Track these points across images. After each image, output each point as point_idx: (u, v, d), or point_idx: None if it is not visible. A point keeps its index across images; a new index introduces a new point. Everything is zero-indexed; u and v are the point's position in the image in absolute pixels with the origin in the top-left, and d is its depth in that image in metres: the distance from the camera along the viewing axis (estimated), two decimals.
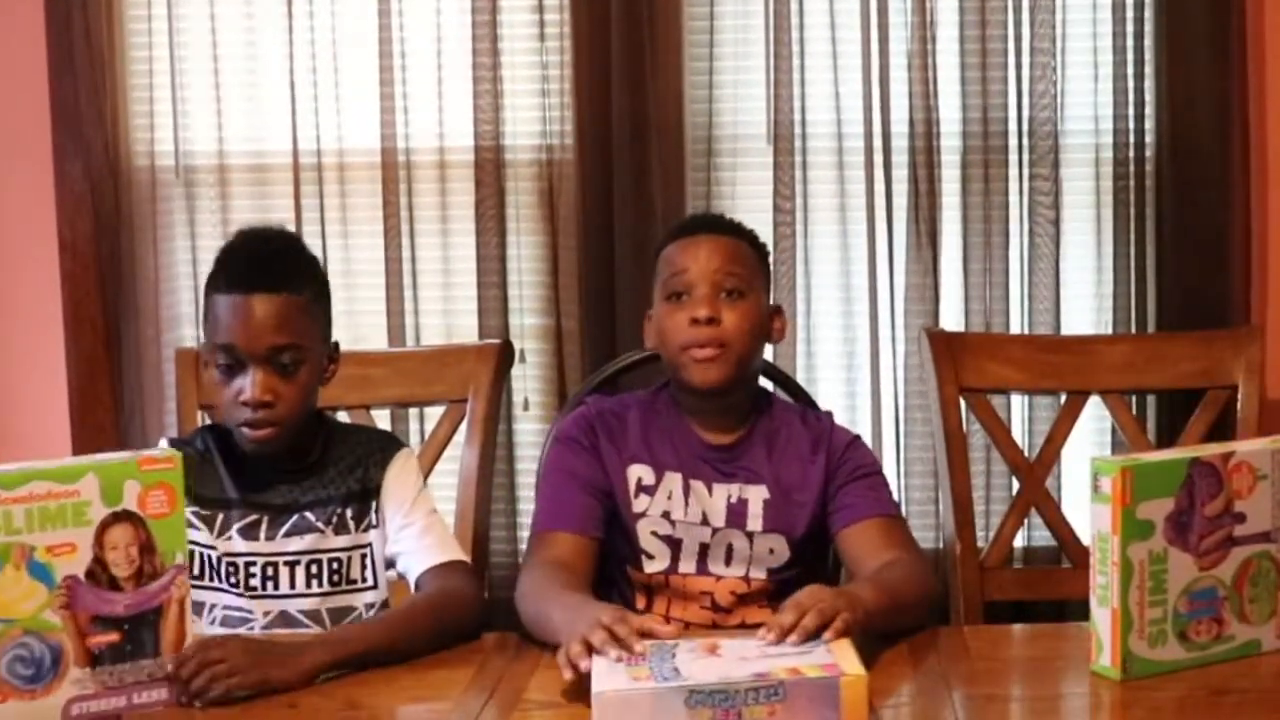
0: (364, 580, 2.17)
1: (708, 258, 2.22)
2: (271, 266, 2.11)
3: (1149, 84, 2.95)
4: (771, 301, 2.33)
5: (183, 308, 3.09)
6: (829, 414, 2.37)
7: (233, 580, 2.14)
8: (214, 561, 2.14)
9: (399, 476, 2.20)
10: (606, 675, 1.71)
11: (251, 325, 2.07)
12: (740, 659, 1.74)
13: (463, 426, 2.60)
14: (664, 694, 1.65)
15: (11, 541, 1.71)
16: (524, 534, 3.01)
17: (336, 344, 2.22)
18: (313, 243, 3.01)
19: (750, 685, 1.65)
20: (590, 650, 1.77)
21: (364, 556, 2.17)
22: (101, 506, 1.75)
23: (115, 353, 3.07)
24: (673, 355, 2.23)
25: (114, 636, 1.77)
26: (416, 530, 2.16)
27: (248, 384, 2.07)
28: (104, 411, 3.01)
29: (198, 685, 1.80)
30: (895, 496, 2.97)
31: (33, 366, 3.10)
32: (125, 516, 1.77)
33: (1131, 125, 2.95)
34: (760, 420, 2.28)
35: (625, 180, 2.98)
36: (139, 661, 1.79)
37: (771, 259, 2.92)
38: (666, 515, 2.23)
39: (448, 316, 3.06)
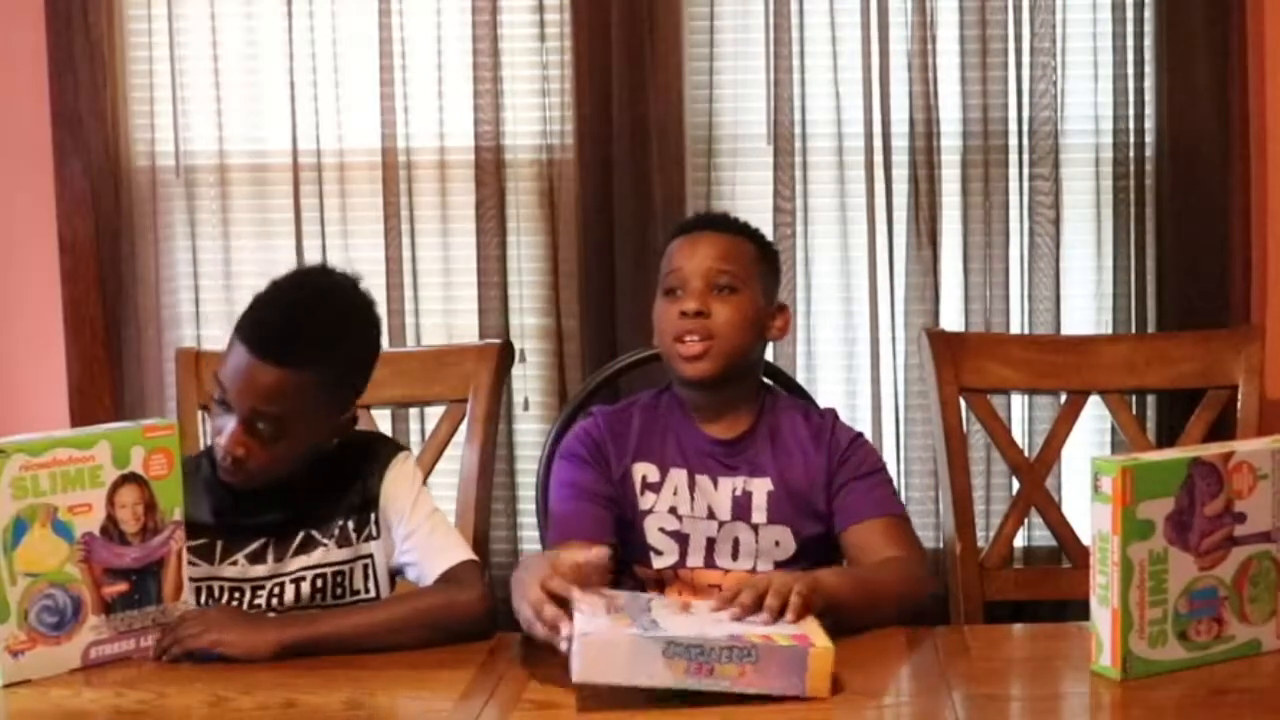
0: (367, 590, 2.16)
1: (702, 255, 2.26)
2: (289, 338, 2.05)
3: (1149, 84, 2.95)
4: (779, 300, 2.34)
5: (183, 308, 3.09)
6: (831, 411, 2.39)
7: (234, 605, 2.12)
8: (215, 591, 2.13)
9: (395, 484, 2.17)
10: (589, 621, 1.79)
11: (243, 383, 2.04)
12: (714, 620, 1.85)
13: (463, 426, 2.60)
14: (644, 642, 1.75)
15: (38, 503, 1.92)
16: (524, 534, 3.02)
17: (354, 416, 2.18)
18: (313, 243, 3.03)
19: (725, 645, 1.76)
20: (558, 609, 1.82)
21: (365, 567, 2.16)
22: (113, 469, 1.97)
23: (115, 353, 3.07)
24: (665, 348, 2.28)
25: (124, 586, 1.99)
26: (420, 537, 2.15)
27: (225, 431, 2.05)
28: (104, 411, 3.01)
29: (164, 644, 1.99)
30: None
31: (33, 366, 3.10)
32: (132, 478, 1.98)
33: (1131, 125, 2.95)
34: (763, 416, 2.30)
35: (625, 180, 2.98)
36: (145, 608, 2.01)
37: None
38: (673, 510, 2.25)
39: (448, 316, 3.06)
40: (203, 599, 2.11)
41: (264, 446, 2.06)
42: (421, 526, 2.16)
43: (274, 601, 2.13)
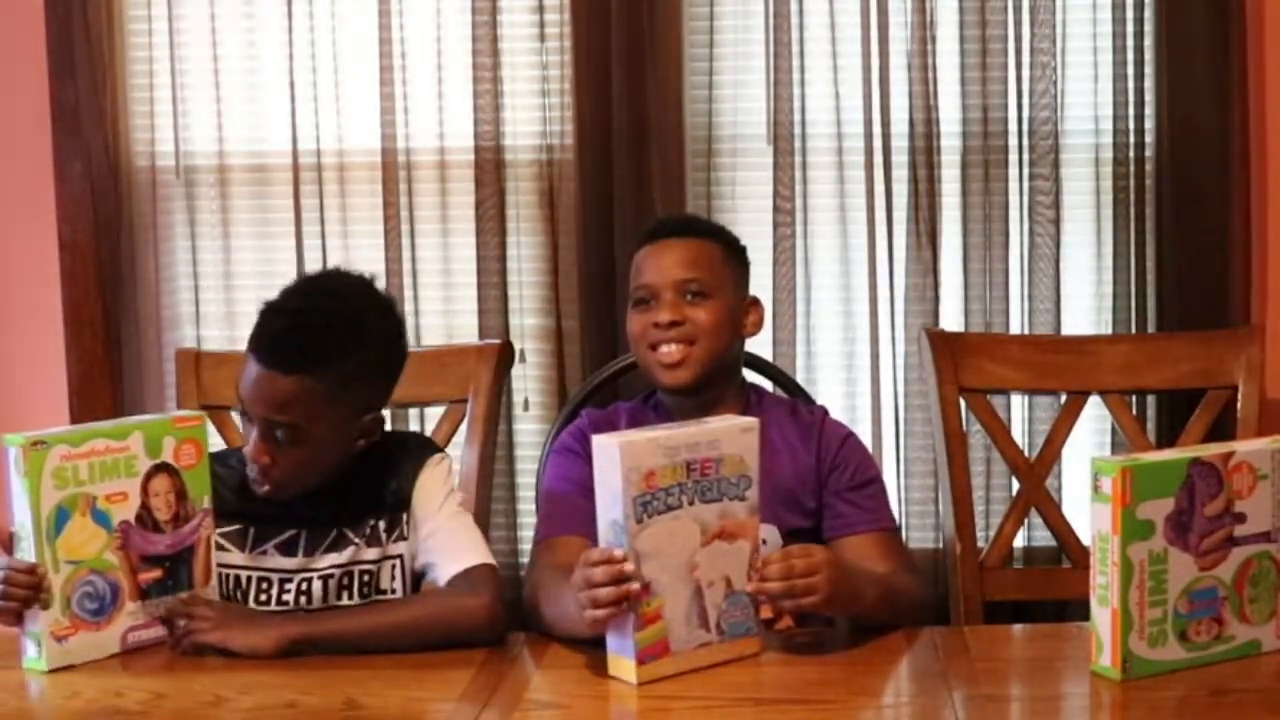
0: (394, 590, 2.16)
1: (670, 264, 2.27)
2: (293, 347, 2.06)
3: (1149, 84, 2.95)
4: (751, 294, 2.35)
5: (183, 308, 3.09)
6: (822, 408, 2.39)
7: (263, 598, 2.14)
8: (243, 582, 2.14)
9: (426, 486, 2.18)
10: None
11: (255, 393, 2.07)
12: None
13: (463, 426, 2.60)
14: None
15: (78, 492, 1.99)
16: (524, 534, 3.01)
17: (379, 418, 2.17)
18: (313, 243, 3.03)
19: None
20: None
21: (394, 567, 2.16)
22: (146, 459, 2.04)
23: (115, 353, 3.07)
24: (642, 357, 2.29)
25: (158, 573, 2.06)
26: (441, 538, 2.15)
27: (249, 441, 2.09)
28: (104, 411, 3.00)
29: (178, 635, 2.03)
30: (893, 496, 2.98)
31: (33, 366, 3.10)
32: (164, 468, 2.05)
33: (1131, 125, 2.95)
34: (747, 414, 2.29)
35: (625, 180, 2.98)
36: (178, 594, 2.08)
37: (770, 258, 2.94)
38: None
39: (448, 316, 3.06)
40: (230, 588, 2.13)
41: (285, 454, 2.07)
42: (443, 527, 2.15)
43: (301, 598, 2.13)
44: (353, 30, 3.03)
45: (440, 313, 3.06)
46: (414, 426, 2.99)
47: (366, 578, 2.15)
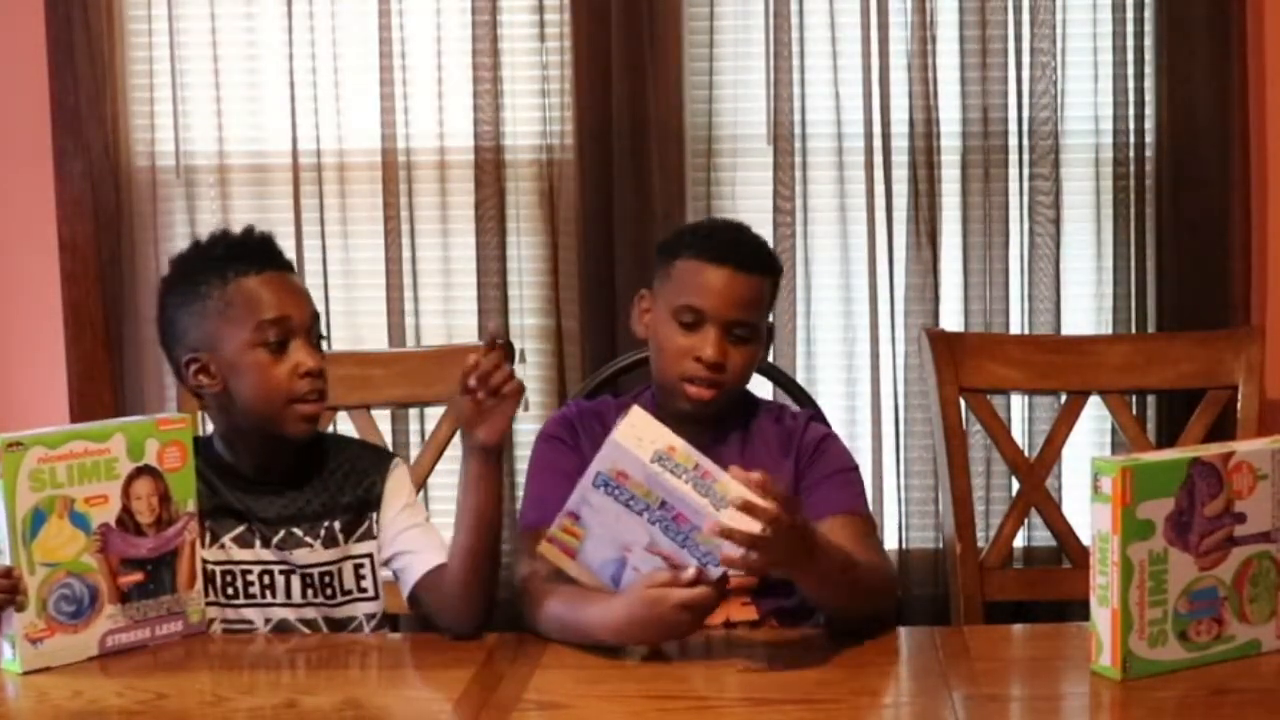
0: (360, 590, 2.16)
1: (729, 301, 2.20)
2: (281, 254, 2.17)
3: (1149, 84, 2.95)
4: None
5: None
6: (807, 412, 2.38)
7: (230, 591, 2.13)
8: (208, 574, 2.13)
9: (398, 487, 2.20)
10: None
11: (298, 297, 2.12)
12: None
13: None
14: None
15: (56, 494, 1.97)
16: None
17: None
18: (313, 243, 3.04)
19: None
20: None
21: (358, 568, 2.16)
22: (128, 462, 2.03)
23: (115, 353, 3.07)
24: (667, 377, 2.25)
25: (139, 576, 2.04)
26: (418, 532, 2.16)
27: (305, 359, 2.08)
28: (104, 412, 3.00)
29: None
30: (893, 496, 2.99)
31: (33, 366, 3.10)
32: (147, 470, 2.04)
33: (1131, 125, 2.95)
34: (736, 420, 2.29)
35: (625, 180, 2.98)
36: (160, 598, 2.06)
37: None
38: None
39: (448, 316, 3.06)
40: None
41: (320, 353, 2.12)
42: (420, 524, 2.18)
43: (267, 593, 2.13)
44: (353, 30, 3.03)
45: (440, 313, 3.06)
46: (414, 426, 2.99)
47: (327, 579, 2.14)
